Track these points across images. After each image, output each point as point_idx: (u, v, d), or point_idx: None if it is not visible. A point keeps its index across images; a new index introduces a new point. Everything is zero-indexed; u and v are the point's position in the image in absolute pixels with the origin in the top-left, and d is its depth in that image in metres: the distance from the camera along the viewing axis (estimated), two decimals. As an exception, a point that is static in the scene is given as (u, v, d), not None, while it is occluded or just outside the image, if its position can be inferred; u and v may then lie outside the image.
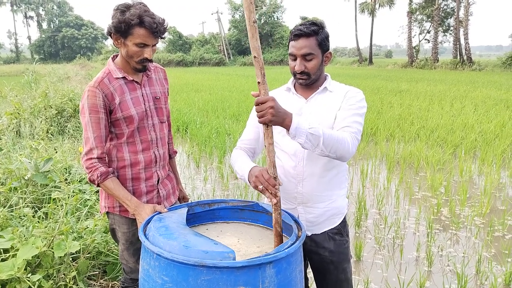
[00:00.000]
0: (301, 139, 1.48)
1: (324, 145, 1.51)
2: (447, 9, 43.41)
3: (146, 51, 1.79)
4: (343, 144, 1.55)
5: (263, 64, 1.42)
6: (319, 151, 1.54)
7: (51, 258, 2.40)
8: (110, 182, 1.82)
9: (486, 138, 7.48)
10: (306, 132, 1.47)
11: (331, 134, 1.53)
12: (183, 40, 56.65)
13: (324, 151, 1.53)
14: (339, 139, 1.55)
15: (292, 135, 1.47)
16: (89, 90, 1.80)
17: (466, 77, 23.02)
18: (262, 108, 1.41)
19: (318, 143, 1.50)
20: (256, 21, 1.40)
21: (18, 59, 66.48)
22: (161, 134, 2.01)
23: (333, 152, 1.55)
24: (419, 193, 5.21)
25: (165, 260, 1.34)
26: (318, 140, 1.49)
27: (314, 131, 1.48)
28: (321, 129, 1.51)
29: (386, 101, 12.36)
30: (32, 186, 3.54)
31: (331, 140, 1.52)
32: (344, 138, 1.56)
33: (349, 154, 1.59)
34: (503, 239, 3.93)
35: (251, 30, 1.38)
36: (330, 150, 1.54)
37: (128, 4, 1.75)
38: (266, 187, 1.50)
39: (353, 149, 1.59)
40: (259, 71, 1.41)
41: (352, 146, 1.59)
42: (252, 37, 1.39)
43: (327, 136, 1.51)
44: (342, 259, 1.86)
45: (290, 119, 1.46)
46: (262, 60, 1.42)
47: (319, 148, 1.52)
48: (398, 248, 3.75)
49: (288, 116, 1.46)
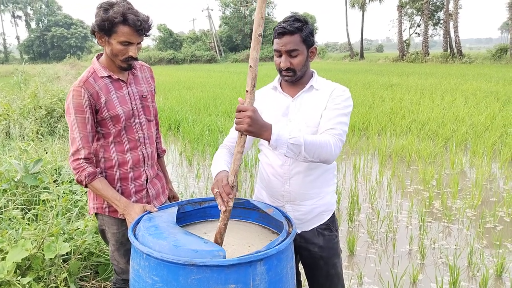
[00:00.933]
0: (283, 149, 1.51)
1: (306, 152, 1.53)
2: (436, 2, 43.58)
3: (131, 49, 1.77)
4: (325, 148, 1.56)
5: (257, 75, 1.44)
6: (301, 159, 1.56)
7: (42, 260, 2.38)
8: (98, 183, 1.79)
9: (477, 130, 7.53)
10: (286, 142, 1.49)
11: (313, 141, 1.54)
12: (173, 37, 56.38)
13: (307, 158, 1.55)
14: (321, 143, 1.56)
15: (273, 146, 1.50)
16: (74, 90, 1.77)
17: (456, 70, 23.16)
18: (240, 116, 1.44)
19: (300, 151, 1.52)
20: (261, 35, 1.42)
21: (7, 59, 65.82)
22: (148, 133, 1.99)
23: (316, 157, 1.57)
24: (411, 187, 5.24)
25: (155, 260, 1.33)
26: (299, 149, 1.52)
27: (295, 140, 1.50)
28: (302, 137, 1.52)
29: (377, 95, 12.40)
30: (22, 187, 3.50)
31: (312, 146, 1.53)
32: (326, 142, 1.57)
33: (333, 157, 1.60)
34: (494, 230, 3.96)
35: (254, 42, 1.42)
36: (312, 156, 1.55)
37: (111, 2, 1.73)
38: (220, 192, 1.51)
39: (336, 152, 1.60)
40: (251, 81, 1.43)
41: (335, 148, 1.59)
42: (253, 49, 1.42)
43: (309, 143, 1.52)
44: (332, 254, 1.86)
45: (270, 132, 1.48)
46: (256, 72, 1.43)
47: (302, 156, 1.54)
48: (391, 242, 3.77)
49: (267, 129, 1.48)
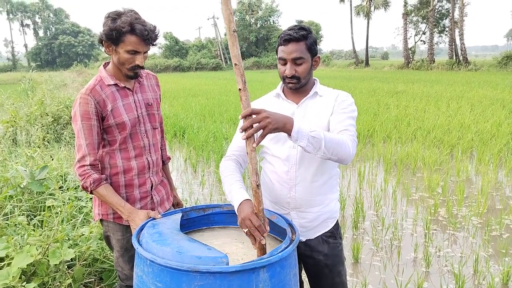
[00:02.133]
0: (303, 142, 1.46)
1: (326, 147, 1.50)
2: (442, 10, 43.61)
3: (138, 58, 1.79)
4: (344, 146, 1.55)
5: (244, 71, 1.43)
6: (321, 154, 1.52)
7: (46, 266, 2.40)
8: (103, 189, 1.81)
9: (483, 138, 7.49)
10: (307, 135, 1.46)
11: (332, 137, 1.52)
12: (179, 45, 56.77)
13: (326, 154, 1.52)
14: (340, 142, 1.54)
15: (294, 138, 1.45)
16: (81, 97, 1.80)
17: (462, 78, 23.09)
18: (258, 119, 1.37)
19: (320, 146, 1.49)
20: (236, 30, 1.41)
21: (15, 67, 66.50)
22: (153, 140, 2.01)
23: (334, 155, 1.54)
24: (416, 194, 5.22)
25: (159, 266, 1.34)
26: (320, 143, 1.48)
27: (316, 134, 1.47)
28: (322, 132, 1.50)
29: (382, 102, 12.39)
30: (28, 194, 3.54)
31: (332, 143, 1.51)
32: (344, 141, 1.56)
33: (350, 156, 1.58)
34: (500, 238, 3.93)
35: (231, 39, 1.40)
36: (332, 153, 1.52)
37: (119, 12, 1.76)
38: (252, 232, 1.47)
39: (353, 151, 1.59)
40: (240, 78, 1.42)
41: (353, 149, 1.59)
42: (232, 46, 1.41)
43: (328, 139, 1.50)
44: (337, 262, 1.85)
45: (291, 123, 1.44)
46: (242, 68, 1.42)
47: (321, 151, 1.50)
48: (395, 249, 3.75)
49: (289, 120, 1.44)
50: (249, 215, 1.48)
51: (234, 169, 1.79)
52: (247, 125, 1.38)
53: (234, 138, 1.92)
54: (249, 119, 1.39)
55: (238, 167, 1.83)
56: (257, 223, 1.46)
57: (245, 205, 1.55)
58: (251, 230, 1.47)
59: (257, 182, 1.46)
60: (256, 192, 1.47)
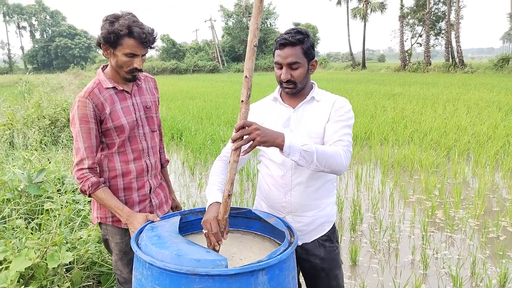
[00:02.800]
0: (295, 156, 1.49)
1: (318, 161, 1.52)
2: (438, 12, 43.86)
3: (136, 61, 1.80)
4: (336, 158, 1.56)
5: (251, 85, 1.45)
6: (313, 167, 1.55)
7: (45, 270, 2.39)
8: (101, 192, 1.81)
9: (479, 140, 7.53)
10: (299, 149, 1.48)
11: (324, 150, 1.54)
12: (176, 47, 56.77)
13: (319, 166, 1.55)
14: (332, 154, 1.56)
15: (286, 153, 1.49)
16: (79, 100, 1.80)
17: (458, 80, 23.20)
18: (246, 131, 1.42)
19: (312, 160, 1.51)
20: (256, 46, 1.43)
21: (11, 69, 66.34)
22: (152, 143, 2.01)
23: (327, 167, 1.56)
24: (413, 196, 5.23)
25: (158, 269, 1.34)
26: (312, 157, 1.51)
27: (308, 148, 1.50)
28: (313, 145, 1.52)
29: (379, 105, 12.42)
30: (25, 197, 3.53)
31: (324, 156, 1.53)
32: (337, 152, 1.57)
33: (343, 167, 1.60)
34: (497, 240, 3.95)
35: (249, 52, 1.43)
36: (324, 165, 1.55)
37: (117, 15, 1.76)
38: (209, 236, 1.51)
39: (346, 163, 1.61)
40: (246, 91, 1.44)
41: (346, 159, 1.60)
42: (248, 59, 1.43)
43: (320, 152, 1.53)
44: (333, 266, 1.86)
45: (282, 138, 1.47)
46: (251, 82, 1.44)
47: (314, 164, 1.53)
48: (393, 252, 3.76)
49: (280, 136, 1.47)
50: (210, 219, 1.52)
51: (221, 170, 1.81)
52: (237, 136, 1.43)
53: (229, 141, 1.93)
54: (240, 131, 1.43)
55: (226, 168, 1.84)
56: (214, 230, 1.50)
57: (212, 208, 1.59)
58: (208, 234, 1.51)
59: (229, 191, 1.49)
60: (226, 201, 1.51)
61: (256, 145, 1.43)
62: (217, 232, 1.50)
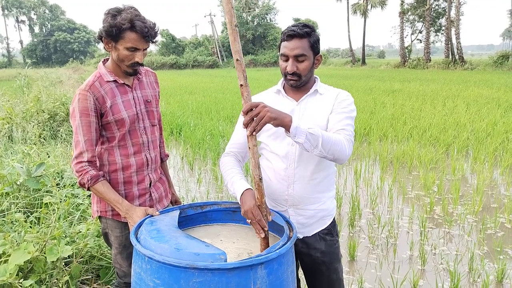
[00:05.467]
0: (301, 138, 1.49)
1: (322, 146, 1.52)
2: (438, 9, 43.75)
3: (137, 55, 1.79)
4: (340, 146, 1.57)
5: (245, 67, 1.44)
6: (317, 152, 1.54)
7: (44, 263, 2.40)
8: (101, 186, 1.81)
9: (478, 136, 7.54)
10: (305, 132, 1.48)
11: (329, 136, 1.55)
12: (176, 42, 56.57)
13: (323, 152, 1.55)
14: (336, 141, 1.57)
15: (292, 134, 1.48)
16: (80, 93, 1.80)
17: (458, 77, 23.19)
18: (257, 111, 1.41)
19: (317, 144, 1.51)
20: (237, 25, 1.42)
21: (10, 63, 66.03)
22: (152, 137, 2.01)
23: (331, 154, 1.56)
24: (412, 192, 5.24)
25: (157, 263, 1.34)
26: (317, 141, 1.51)
27: (314, 131, 1.50)
28: (319, 130, 1.53)
29: (379, 101, 12.42)
30: (24, 191, 3.53)
31: (329, 141, 1.54)
32: (340, 140, 1.58)
33: (346, 156, 1.61)
34: (495, 236, 3.96)
35: (232, 34, 1.41)
36: (328, 151, 1.55)
37: (119, 8, 1.75)
38: (253, 225, 1.54)
39: (349, 152, 1.61)
40: (242, 73, 1.43)
41: (348, 149, 1.61)
42: (234, 41, 1.42)
43: (326, 138, 1.53)
44: (334, 259, 1.87)
45: (290, 119, 1.47)
46: (243, 63, 1.44)
47: (318, 149, 1.53)
48: (391, 247, 3.77)
49: (288, 115, 1.48)
50: (251, 208, 1.54)
51: (234, 163, 1.82)
52: (247, 120, 1.42)
53: (232, 135, 1.94)
54: (249, 114, 1.42)
55: (238, 162, 1.86)
56: (258, 217, 1.52)
57: (247, 196, 1.59)
58: (252, 223, 1.53)
59: (259, 175, 1.50)
60: (259, 186, 1.51)
61: (266, 121, 1.42)
62: (261, 218, 1.52)
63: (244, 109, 1.43)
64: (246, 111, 1.43)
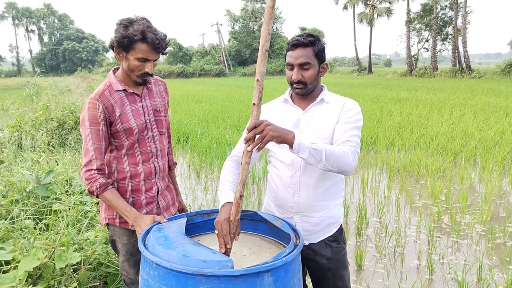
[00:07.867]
0: (304, 154, 1.52)
1: (326, 159, 1.55)
2: (445, 18, 43.72)
3: (147, 66, 1.83)
4: (344, 158, 1.59)
5: (263, 88, 1.48)
6: (321, 166, 1.57)
7: (52, 270, 2.41)
8: (109, 194, 1.83)
9: (486, 145, 7.49)
10: (308, 147, 1.51)
11: (332, 149, 1.57)
12: (183, 51, 57.05)
13: (327, 166, 1.57)
14: (340, 153, 1.58)
15: (295, 150, 1.52)
16: (90, 102, 1.83)
17: (465, 85, 23.08)
18: (260, 129, 1.45)
19: (321, 158, 1.54)
20: (268, 50, 1.47)
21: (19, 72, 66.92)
22: (160, 146, 2.04)
23: (335, 167, 1.59)
24: (419, 201, 5.21)
25: (164, 269, 1.36)
26: (320, 155, 1.54)
27: (317, 146, 1.53)
28: (322, 144, 1.56)
29: (385, 109, 12.40)
30: (34, 198, 3.56)
31: (332, 155, 1.56)
32: (345, 153, 1.60)
33: (351, 168, 1.62)
34: (504, 246, 3.92)
35: (261, 57, 1.46)
36: (332, 165, 1.57)
37: (131, 19, 1.79)
38: (218, 237, 1.56)
39: (354, 163, 1.63)
40: (258, 94, 1.47)
41: (353, 160, 1.63)
42: (260, 63, 1.46)
43: (329, 151, 1.55)
44: (340, 266, 1.87)
45: (293, 135, 1.51)
46: (262, 85, 1.47)
47: (322, 163, 1.56)
48: (399, 257, 3.74)
49: (291, 132, 1.51)
50: (221, 221, 1.56)
51: (233, 170, 1.84)
52: (250, 136, 1.46)
53: (239, 141, 1.96)
54: (252, 131, 1.46)
55: (237, 168, 1.88)
56: (224, 232, 1.54)
57: (224, 209, 1.62)
58: (218, 236, 1.55)
59: (241, 192, 1.51)
60: (237, 202, 1.53)
61: (269, 139, 1.45)
62: (227, 233, 1.53)
63: (249, 126, 1.46)
64: (250, 129, 1.46)
